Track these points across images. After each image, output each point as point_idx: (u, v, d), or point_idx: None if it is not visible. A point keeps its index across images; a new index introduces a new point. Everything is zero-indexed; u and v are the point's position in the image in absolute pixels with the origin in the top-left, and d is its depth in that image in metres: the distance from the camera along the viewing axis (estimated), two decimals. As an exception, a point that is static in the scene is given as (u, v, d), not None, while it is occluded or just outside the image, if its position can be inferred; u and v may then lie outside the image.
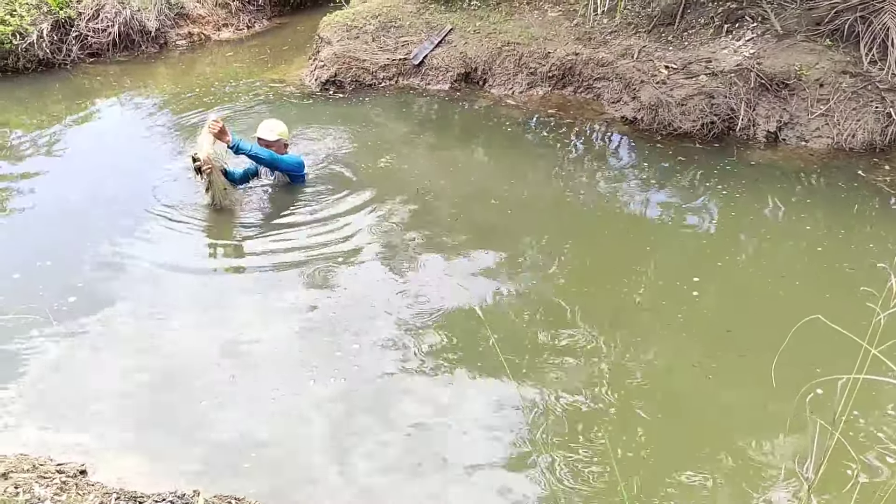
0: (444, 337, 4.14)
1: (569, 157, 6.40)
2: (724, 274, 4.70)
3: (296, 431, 3.53)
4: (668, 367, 3.94)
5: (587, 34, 7.68)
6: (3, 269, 4.73)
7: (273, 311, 4.39)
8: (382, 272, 4.76)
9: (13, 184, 6.00)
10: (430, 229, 5.22)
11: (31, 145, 6.79)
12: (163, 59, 9.13)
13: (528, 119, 7.13)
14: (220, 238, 5.17)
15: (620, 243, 5.09)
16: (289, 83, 8.21)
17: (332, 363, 3.93)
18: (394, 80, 8.00)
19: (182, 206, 5.44)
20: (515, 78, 7.68)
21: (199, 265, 4.91)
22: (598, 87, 7.34)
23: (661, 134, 6.59)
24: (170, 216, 5.32)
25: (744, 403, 3.67)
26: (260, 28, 10.27)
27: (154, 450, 3.44)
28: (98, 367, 3.97)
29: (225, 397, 3.73)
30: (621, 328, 4.20)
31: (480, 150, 6.59)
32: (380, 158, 6.32)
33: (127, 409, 3.68)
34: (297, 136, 6.74)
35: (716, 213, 5.45)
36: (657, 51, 7.21)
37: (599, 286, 4.63)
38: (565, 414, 3.59)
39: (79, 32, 8.79)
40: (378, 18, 8.38)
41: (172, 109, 7.62)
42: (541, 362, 3.93)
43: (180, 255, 4.95)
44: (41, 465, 3.20)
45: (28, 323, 4.21)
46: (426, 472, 3.31)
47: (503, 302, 4.47)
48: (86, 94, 8.19)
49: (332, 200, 5.58)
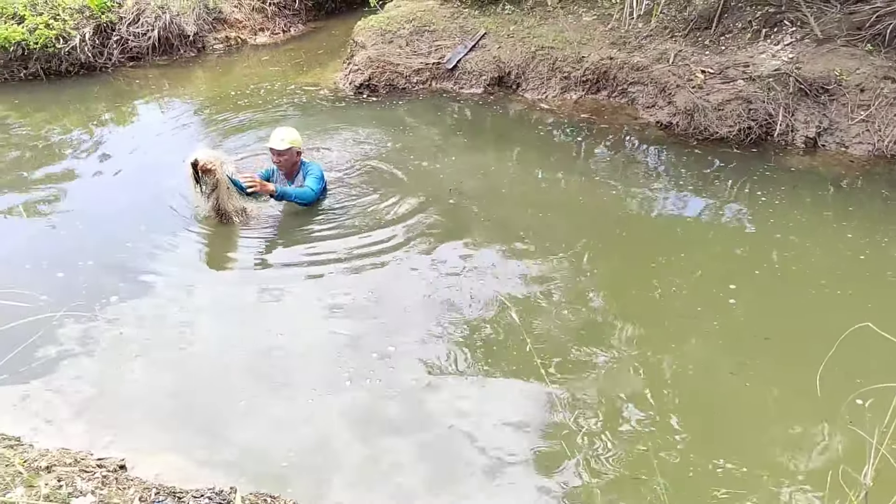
0: (478, 339, 4.14)
1: (602, 161, 6.37)
2: (762, 281, 4.63)
3: (332, 432, 3.55)
4: (704, 374, 3.89)
5: (622, 38, 7.64)
6: (48, 267, 4.83)
7: (308, 314, 4.42)
8: (416, 274, 4.77)
9: (56, 184, 6.12)
10: (462, 232, 5.22)
11: (73, 147, 6.93)
12: (200, 63, 9.26)
13: (562, 123, 7.11)
14: (254, 241, 5.20)
15: (655, 249, 5.04)
16: (323, 87, 8.27)
17: (367, 364, 3.95)
18: (427, 84, 8.03)
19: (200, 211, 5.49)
20: (549, 82, 7.67)
21: (235, 268, 4.97)
22: (633, 91, 7.29)
23: (696, 139, 6.54)
24: (206, 218, 5.38)
25: (782, 412, 3.62)
26: (296, 32, 10.38)
27: (191, 447, 3.48)
28: (137, 365, 4.03)
29: (262, 397, 3.77)
30: (656, 334, 4.16)
31: (513, 154, 6.57)
32: (412, 161, 6.35)
33: (165, 407, 3.73)
34: (329, 139, 6.81)
35: (753, 220, 5.37)
36: (693, 55, 7.15)
37: (633, 292, 4.60)
38: (600, 421, 3.57)
39: (120, 36, 8.96)
40: (412, 23, 8.42)
41: (209, 112, 7.73)
42: (574, 367, 3.91)
43: (216, 257, 5.03)
44: (82, 459, 3.26)
45: (73, 321, 4.29)
46: (461, 474, 3.31)
47: (537, 305, 4.45)
48: (126, 96, 8.34)
49: (365, 203, 5.61)
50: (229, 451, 3.46)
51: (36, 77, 8.55)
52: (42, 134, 7.29)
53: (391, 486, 3.26)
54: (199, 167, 4.89)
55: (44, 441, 3.45)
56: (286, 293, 4.62)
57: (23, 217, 5.61)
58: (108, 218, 5.47)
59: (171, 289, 4.66)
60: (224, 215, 5.15)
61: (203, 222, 5.31)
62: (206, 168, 4.89)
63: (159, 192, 5.76)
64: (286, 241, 5.23)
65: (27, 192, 5.98)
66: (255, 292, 4.67)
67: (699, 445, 3.43)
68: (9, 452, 3.22)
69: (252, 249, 5.12)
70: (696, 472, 3.28)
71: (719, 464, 3.32)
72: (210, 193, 5.04)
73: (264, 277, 4.83)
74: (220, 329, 4.33)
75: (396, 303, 4.47)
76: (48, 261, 4.93)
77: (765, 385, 3.77)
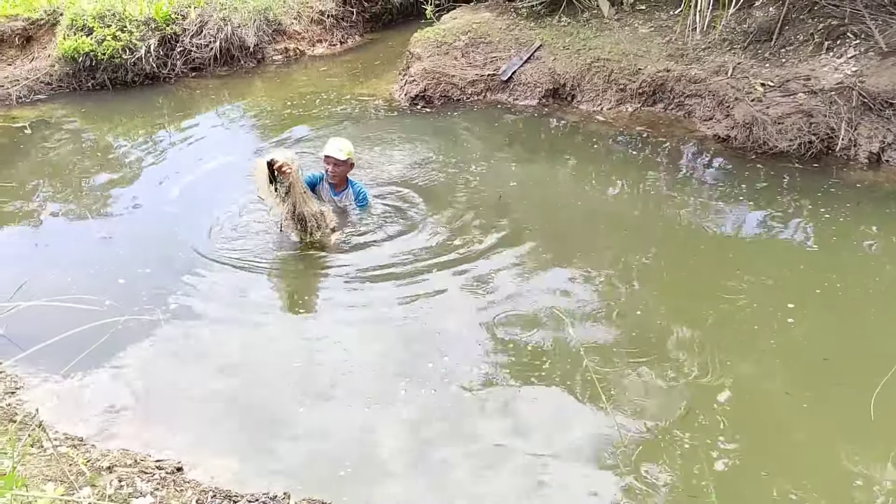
0: (532, 352, 4.15)
1: (659, 174, 6.30)
2: (824, 301, 4.52)
3: (385, 442, 3.59)
4: (760, 393, 3.83)
5: (679, 50, 7.56)
6: (111, 273, 4.99)
7: (365, 324, 4.48)
8: (471, 286, 4.79)
9: (119, 191, 6.34)
10: (516, 245, 5.23)
11: (136, 155, 7.15)
12: (260, 74, 9.46)
13: (617, 136, 7.06)
14: (310, 250, 5.27)
15: (712, 265, 4.97)
16: (379, 97, 8.38)
17: (422, 375, 3.99)
18: (482, 96, 8.07)
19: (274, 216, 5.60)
20: (604, 94, 7.63)
21: (292, 276, 5.07)
22: (690, 104, 7.21)
23: (755, 153, 6.42)
24: (263, 224, 5.49)
25: (839, 435, 3.53)
26: (353, 44, 10.52)
27: (247, 453, 3.56)
28: (197, 370, 4.13)
29: (319, 406, 3.83)
30: (711, 351, 4.10)
31: (568, 167, 6.56)
32: (466, 173, 6.38)
33: (223, 413, 3.83)
34: (384, 150, 6.88)
35: (815, 236, 5.25)
36: (753, 67, 7.03)
37: (689, 307, 4.55)
38: (654, 437, 3.54)
39: (183, 48, 9.21)
40: (468, 35, 8.47)
41: (267, 122, 7.91)
42: (628, 382, 3.89)
43: (273, 264, 5.11)
44: (142, 460, 3.36)
45: (135, 327, 4.42)
46: (513, 486, 3.31)
47: (592, 320, 4.43)
48: (188, 106, 8.57)
49: (418, 214, 5.67)
50: (284, 458, 3.53)
51: (103, 87, 8.85)
52: (107, 142, 7.56)
53: (445, 497, 3.28)
54: (276, 167, 4.74)
55: (106, 442, 3.56)
56: (343, 305, 4.69)
57: (87, 223, 5.80)
58: (169, 225, 5.64)
59: (226, 296, 4.76)
60: (302, 220, 4.97)
61: (255, 230, 5.42)
62: (282, 168, 4.74)
63: (214, 201, 5.90)
64: (341, 253, 5.27)
65: (92, 199, 6.19)
66: (313, 304, 4.78)
67: (753, 465, 3.37)
68: (73, 452, 3.34)
69: (309, 262, 5.18)
70: (749, 492, 3.24)
71: (773, 484, 3.26)
72: (286, 196, 4.88)
73: (321, 290, 4.91)
74: (278, 339, 4.42)
75: (451, 314, 4.50)
76: (111, 266, 5.11)
77: (821, 406, 3.69)
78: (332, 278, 4.97)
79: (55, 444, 3.40)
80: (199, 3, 9.39)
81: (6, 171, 6.80)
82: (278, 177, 4.80)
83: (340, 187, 5.55)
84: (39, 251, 5.41)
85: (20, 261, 5.26)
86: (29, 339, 4.04)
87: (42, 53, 9.04)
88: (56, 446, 3.37)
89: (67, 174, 6.71)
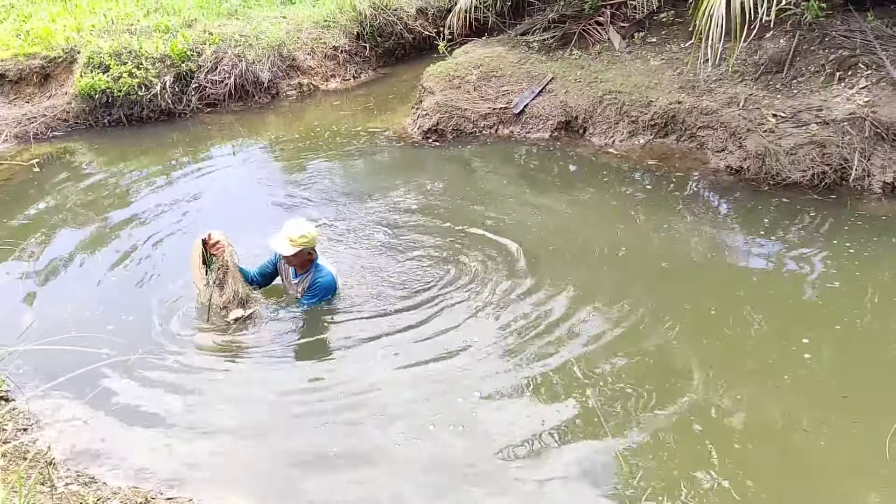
0: (550, 391, 4.13)
1: (671, 206, 6.27)
2: (842, 336, 4.45)
3: (416, 478, 3.58)
4: (775, 429, 3.77)
5: (691, 82, 7.58)
6: (122, 311, 5.03)
7: (393, 363, 4.45)
8: (482, 323, 4.78)
9: (132, 228, 6.39)
10: (527, 280, 5.21)
11: (150, 190, 7.24)
12: (273, 109, 9.56)
13: (630, 168, 7.06)
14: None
15: (726, 299, 4.92)
16: (392, 131, 8.43)
17: (453, 410, 4.00)
18: (494, 129, 8.10)
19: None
20: (616, 126, 7.64)
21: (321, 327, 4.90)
22: (702, 135, 7.20)
23: (768, 184, 6.39)
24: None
25: (857, 474, 3.47)
26: (366, 78, 10.62)
27: (258, 490, 3.53)
28: (208, 408, 4.12)
29: (338, 444, 3.82)
30: (725, 386, 4.06)
31: (580, 200, 6.55)
32: (478, 206, 6.39)
33: (238, 451, 3.83)
34: (396, 184, 6.91)
35: (832, 270, 5.17)
36: (765, 99, 7.03)
37: (702, 342, 4.50)
38: (668, 475, 3.49)
39: (198, 84, 9.35)
40: (480, 69, 8.53)
41: (280, 156, 7.98)
42: (643, 420, 3.84)
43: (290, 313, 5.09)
44: (152, 498, 3.35)
45: (146, 364, 4.44)
46: None
47: (602, 356, 4.38)
48: (202, 141, 8.67)
49: (432, 251, 5.67)
50: (300, 496, 3.50)
51: (119, 123, 8.97)
52: (120, 179, 7.65)
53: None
54: (210, 244, 4.61)
55: (116, 480, 3.55)
56: (367, 342, 4.66)
57: (98, 259, 5.83)
58: (181, 261, 5.63)
59: (248, 336, 4.74)
60: (229, 302, 4.67)
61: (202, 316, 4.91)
62: (215, 246, 4.60)
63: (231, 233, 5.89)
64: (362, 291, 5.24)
65: (103, 234, 6.24)
66: (334, 342, 4.72)
67: (767, 501, 3.31)
68: (83, 490, 3.33)
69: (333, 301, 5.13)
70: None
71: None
72: (216, 278, 4.64)
73: (344, 328, 4.84)
74: (300, 379, 4.40)
75: (470, 353, 4.48)
76: (121, 304, 5.14)
77: (840, 445, 3.63)
78: (353, 321, 4.90)
79: (66, 482, 3.39)
80: (214, 39, 9.53)
81: (20, 208, 6.86)
82: (210, 256, 4.64)
83: (302, 269, 4.86)
84: (49, 291, 5.44)
85: (28, 300, 5.30)
86: (40, 377, 4.07)
87: (59, 91, 9.19)
88: (66, 484, 3.36)
89: (81, 211, 6.77)
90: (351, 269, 5.45)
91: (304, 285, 4.81)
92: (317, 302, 4.82)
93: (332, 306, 4.96)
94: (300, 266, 4.81)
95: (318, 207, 6.55)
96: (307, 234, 4.58)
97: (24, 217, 6.61)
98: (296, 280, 4.87)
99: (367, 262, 5.56)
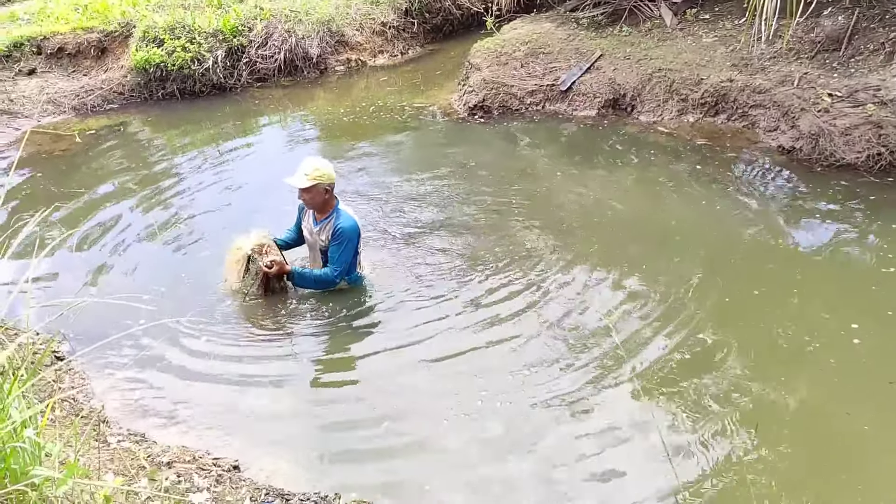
0: (586, 368, 4.12)
1: (720, 186, 6.18)
2: (894, 323, 4.34)
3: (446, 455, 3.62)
4: (818, 412, 3.73)
5: (744, 60, 7.43)
6: (171, 275, 5.18)
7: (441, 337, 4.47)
8: (525, 300, 4.79)
9: (183, 197, 6.53)
10: (571, 258, 5.20)
11: (200, 162, 7.38)
12: (321, 84, 9.64)
13: (678, 147, 6.96)
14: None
15: (774, 280, 4.84)
16: (438, 107, 8.44)
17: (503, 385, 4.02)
18: (540, 106, 8.06)
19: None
20: (665, 104, 7.54)
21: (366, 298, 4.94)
22: (754, 114, 7.06)
23: (821, 165, 6.26)
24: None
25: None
26: (413, 54, 10.63)
27: (302, 455, 3.62)
28: (256, 372, 4.22)
29: (392, 409, 3.89)
30: (768, 367, 4.01)
31: (626, 179, 6.49)
32: (522, 183, 6.39)
33: (283, 416, 3.92)
34: (441, 160, 6.93)
35: (888, 255, 5.03)
36: (820, 77, 6.86)
37: (748, 322, 4.45)
38: (709, 453, 3.48)
39: (249, 59, 9.46)
40: (527, 45, 8.47)
41: (326, 131, 8.06)
42: (683, 400, 3.82)
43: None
44: (200, 457, 3.45)
45: (195, 328, 4.55)
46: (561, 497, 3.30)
47: (646, 336, 4.36)
48: (252, 115, 8.79)
49: (472, 227, 5.69)
50: (337, 462, 3.60)
51: (172, 96, 9.14)
52: (173, 149, 7.80)
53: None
54: (253, 254, 4.61)
55: (166, 438, 3.66)
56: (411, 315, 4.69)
57: (150, 226, 5.99)
58: (229, 230, 5.73)
59: (295, 305, 4.81)
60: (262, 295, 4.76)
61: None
62: (258, 253, 4.60)
63: (273, 210, 5.95)
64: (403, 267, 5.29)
65: (156, 204, 6.40)
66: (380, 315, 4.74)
67: (807, 486, 3.29)
68: (134, 447, 3.45)
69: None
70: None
71: None
72: (255, 278, 4.66)
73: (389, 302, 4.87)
74: (344, 345, 4.46)
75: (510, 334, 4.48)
76: (173, 268, 5.28)
77: (883, 430, 3.57)
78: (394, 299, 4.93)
79: (118, 438, 3.51)
80: (265, 15, 9.63)
81: (77, 177, 7.07)
82: (252, 262, 4.64)
83: (322, 215, 4.68)
84: (102, 253, 5.60)
85: (83, 262, 5.48)
86: (93, 336, 4.20)
87: (115, 64, 9.38)
88: (119, 441, 3.48)
89: (134, 181, 6.93)
90: (394, 243, 5.51)
91: (328, 233, 4.64)
92: (346, 251, 4.61)
93: (376, 282, 5.01)
94: (319, 210, 4.64)
95: (363, 182, 6.61)
96: (321, 168, 4.44)
97: (79, 185, 6.79)
98: (317, 228, 4.70)
99: (410, 237, 5.60)
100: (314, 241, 4.77)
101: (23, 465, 2.16)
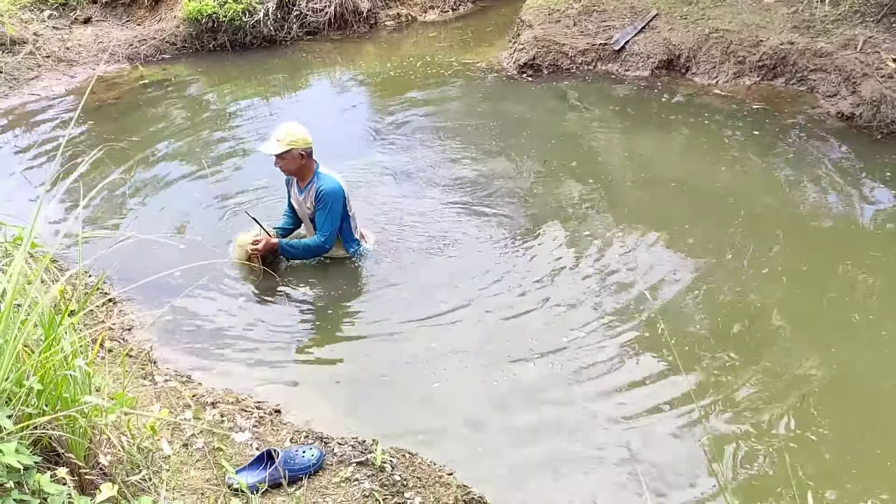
0: (625, 341, 4.07)
1: (776, 152, 6.02)
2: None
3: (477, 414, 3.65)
4: (864, 381, 3.66)
5: (805, 22, 7.18)
6: (223, 220, 5.24)
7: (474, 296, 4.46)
8: (569, 263, 4.75)
9: (232, 147, 6.61)
10: (617, 221, 5.13)
11: (249, 113, 7.44)
12: (371, 39, 9.59)
13: (733, 110, 6.78)
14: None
15: (827, 250, 4.73)
16: (487, 65, 8.34)
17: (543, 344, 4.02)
18: (592, 66, 7.91)
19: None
20: (721, 66, 7.34)
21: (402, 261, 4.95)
22: (813, 79, 6.84)
23: (881, 132, 6.05)
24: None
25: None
26: (464, 10, 10.49)
27: (343, 403, 3.69)
28: (304, 321, 4.29)
29: (420, 374, 3.90)
30: (826, 340, 3.95)
31: (678, 142, 6.36)
32: (571, 144, 6.31)
33: (325, 363, 4.00)
34: (489, 118, 6.86)
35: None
36: (885, 42, 6.60)
37: (798, 292, 4.36)
38: (752, 423, 3.44)
39: (299, 12, 9.43)
40: (581, 2, 8.30)
41: (374, 87, 8.04)
42: (727, 367, 3.78)
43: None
44: (243, 399, 3.52)
45: (244, 272, 4.63)
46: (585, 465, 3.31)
47: (693, 305, 4.30)
48: (301, 68, 8.80)
49: (517, 186, 5.65)
50: (378, 411, 3.64)
51: (223, 48, 9.17)
52: (223, 101, 7.87)
53: (520, 473, 3.30)
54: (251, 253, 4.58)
55: (211, 380, 3.75)
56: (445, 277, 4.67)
57: (197, 174, 6.08)
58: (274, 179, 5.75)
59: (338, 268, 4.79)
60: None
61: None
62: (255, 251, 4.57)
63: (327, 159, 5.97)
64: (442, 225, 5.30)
65: (207, 153, 6.48)
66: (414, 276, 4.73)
67: (851, 471, 3.23)
68: (181, 387, 3.54)
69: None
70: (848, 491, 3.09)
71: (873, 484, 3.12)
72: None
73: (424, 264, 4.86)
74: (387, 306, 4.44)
75: (547, 297, 4.44)
76: (217, 215, 5.38)
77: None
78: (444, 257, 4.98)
79: (165, 377, 3.61)
80: (316, -33, 9.58)
81: (129, 125, 7.17)
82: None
83: (304, 182, 4.59)
84: (152, 200, 5.71)
85: (132, 209, 5.60)
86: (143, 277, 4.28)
87: (168, 15, 9.44)
88: (166, 380, 3.58)
89: (184, 131, 7.01)
90: (433, 203, 5.50)
91: (311, 199, 4.56)
92: (331, 214, 4.51)
93: (414, 242, 5.01)
94: (300, 176, 4.58)
95: (408, 138, 6.60)
96: (294, 132, 4.36)
97: (131, 133, 6.89)
98: (301, 196, 4.63)
99: (451, 190, 5.62)
100: (303, 212, 4.73)
101: (73, 394, 2.23)
